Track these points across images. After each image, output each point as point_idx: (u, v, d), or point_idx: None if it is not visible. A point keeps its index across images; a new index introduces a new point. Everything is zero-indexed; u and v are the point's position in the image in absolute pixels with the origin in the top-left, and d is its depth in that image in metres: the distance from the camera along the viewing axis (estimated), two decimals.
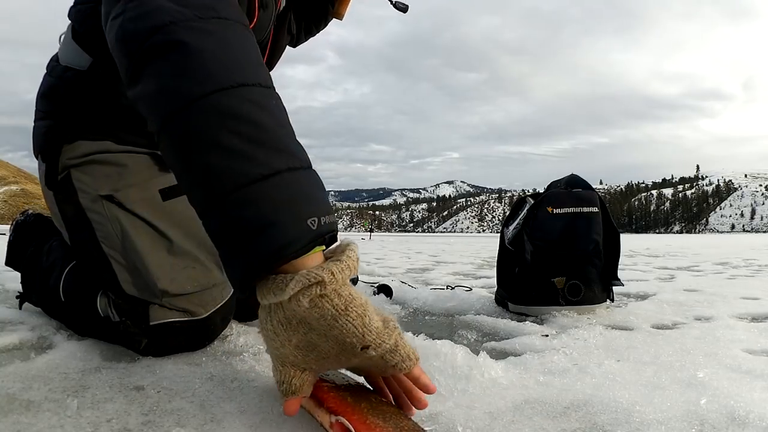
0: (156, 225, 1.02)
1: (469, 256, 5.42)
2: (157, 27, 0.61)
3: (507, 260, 1.66)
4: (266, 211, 0.53)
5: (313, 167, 0.62)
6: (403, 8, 1.30)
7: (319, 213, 0.55)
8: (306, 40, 1.48)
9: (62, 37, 1.11)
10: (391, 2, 1.29)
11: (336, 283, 0.53)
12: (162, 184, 1.06)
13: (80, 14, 1.06)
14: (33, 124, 1.14)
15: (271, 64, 1.25)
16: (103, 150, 1.05)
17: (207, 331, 1.04)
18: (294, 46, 1.47)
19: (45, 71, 1.14)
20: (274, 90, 0.63)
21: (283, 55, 1.32)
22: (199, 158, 0.56)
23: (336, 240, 0.60)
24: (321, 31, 1.47)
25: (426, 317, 1.57)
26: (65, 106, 1.08)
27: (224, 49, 0.60)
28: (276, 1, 1.13)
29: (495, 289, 1.76)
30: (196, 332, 1.02)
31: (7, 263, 1.45)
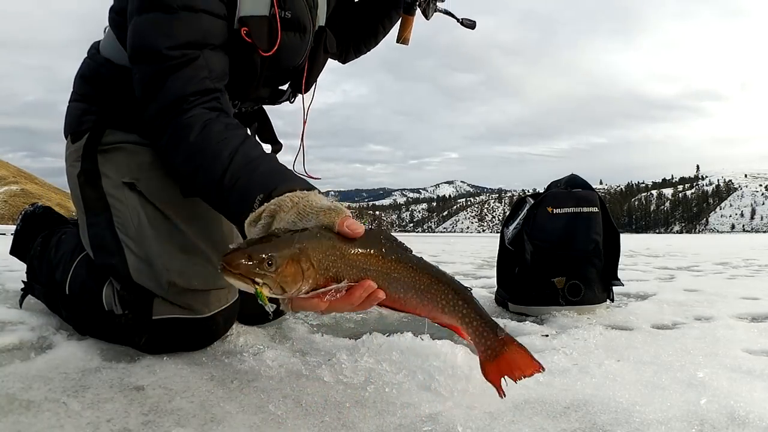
0: (173, 219, 1.04)
1: (469, 256, 5.42)
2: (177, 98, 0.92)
3: (507, 260, 1.66)
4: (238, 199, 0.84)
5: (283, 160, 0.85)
6: (471, 24, 1.34)
7: (261, 190, 0.81)
8: (356, 57, 1.49)
9: (106, 29, 1.14)
10: (458, 20, 1.33)
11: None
12: None
13: (115, 24, 1.09)
14: (67, 104, 1.17)
15: (309, 82, 1.24)
16: (130, 141, 1.08)
17: (209, 331, 1.04)
18: (343, 62, 1.49)
19: (86, 55, 1.19)
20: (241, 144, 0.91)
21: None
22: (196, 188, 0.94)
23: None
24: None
25: None
26: (102, 93, 1.12)
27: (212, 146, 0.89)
28: (312, 22, 1.13)
29: (495, 289, 1.76)
30: (197, 331, 1.03)
31: (12, 252, 1.46)
